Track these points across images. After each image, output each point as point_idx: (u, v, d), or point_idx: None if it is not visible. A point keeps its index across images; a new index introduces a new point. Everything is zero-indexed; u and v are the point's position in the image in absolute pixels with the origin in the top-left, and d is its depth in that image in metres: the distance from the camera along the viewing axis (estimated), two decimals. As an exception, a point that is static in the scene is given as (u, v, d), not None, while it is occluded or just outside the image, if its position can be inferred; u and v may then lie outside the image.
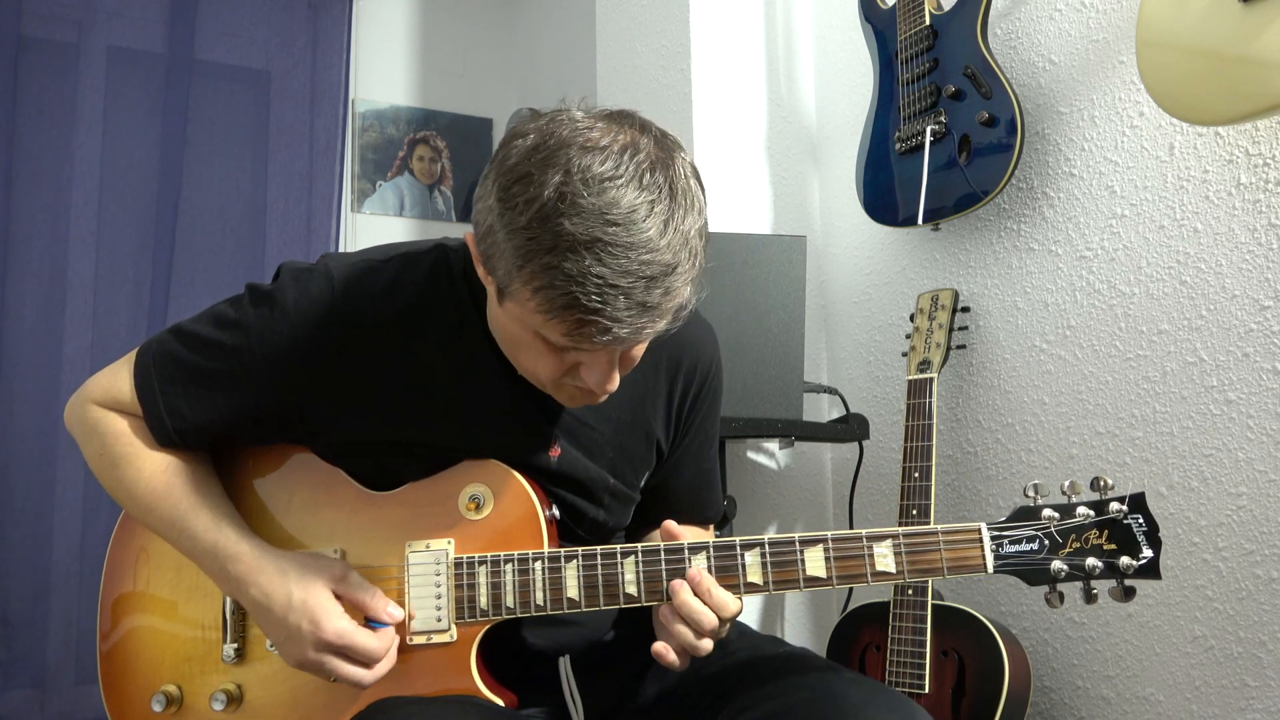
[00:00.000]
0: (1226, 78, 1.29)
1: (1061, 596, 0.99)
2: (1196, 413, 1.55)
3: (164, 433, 1.08)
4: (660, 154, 0.89)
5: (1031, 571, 0.98)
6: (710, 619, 0.97)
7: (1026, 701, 1.58)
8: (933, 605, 1.64)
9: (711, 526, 1.32)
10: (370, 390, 1.05)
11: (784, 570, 0.99)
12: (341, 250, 2.87)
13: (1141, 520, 0.98)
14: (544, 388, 1.00)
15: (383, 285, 1.05)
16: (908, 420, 1.75)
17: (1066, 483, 1.00)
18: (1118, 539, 0.98)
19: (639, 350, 0.98)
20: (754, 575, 0.99)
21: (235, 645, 1.08)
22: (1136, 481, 1.62)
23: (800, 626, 2.19)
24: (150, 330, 2.57)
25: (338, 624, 0.98)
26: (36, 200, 2.57)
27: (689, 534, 1.05)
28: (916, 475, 1.70)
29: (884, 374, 2.11)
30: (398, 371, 1.05)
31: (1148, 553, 0.98)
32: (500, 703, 1.03)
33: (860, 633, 1.74)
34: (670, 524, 1.03)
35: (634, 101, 2.33)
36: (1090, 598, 0.99)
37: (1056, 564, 0.98)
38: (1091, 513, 0.99)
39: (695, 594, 0.98)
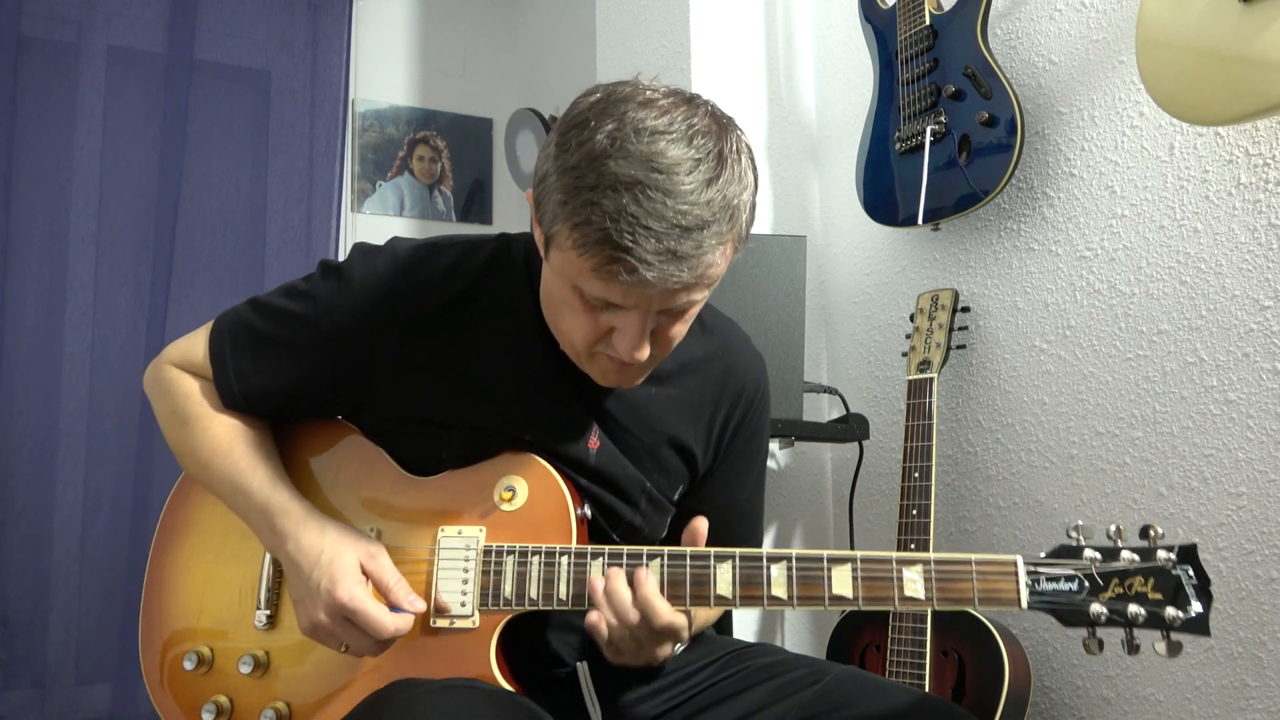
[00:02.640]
0: (1226, 78, 1.29)
1: (1101, 644, 0.94)
2: (1196, 413, 1.55)
3: (230, 395, 1.13)
4: (715, 126, 0.93)
5: (1069, 612, 0.94)
6: (631, 614, 0.96)
7: (1026, 701, 1.58)
8: (933, 605, 1.64)
9: None
10: (423, 365, 1.08)
11: (809, 585, 0.97)
12: (341, 251, 2.87)
13: (1191, 572, 0.92)
14: (580, 361, 1.02)
15: (444, 266, 1.09)
16: (908, 420, 1.75)
17: (1113, 527, 0.95)
18: (1164, 588, 0.92)
19: (677, 330, 0.99)
20: (779, 589, 0.97)
21: (268, 613, 1.11)
22: (1136, 481, 1.62)
23: (800, 626, 2.19)
24: (150, 330, 2.58)
25: (354, 589, 1.00)
26: (36, 200, 2.57)
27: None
28: (916, 475, 1.70)
29: (884, 374, 2.11)
30: (450, 349, 1.08)
31: (1197, 607, 0.91)
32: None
33: (860, 633, 1.74)
34: (698, 525, 1.03)
35: (634, 101, 2.34)
36: (1132, 649, 0.92)
37: (1096, 607, 0.93)
38: (1137, 558, 0.93)
39: (629, 584, 0.98)
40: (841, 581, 0.96)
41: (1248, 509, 1.48)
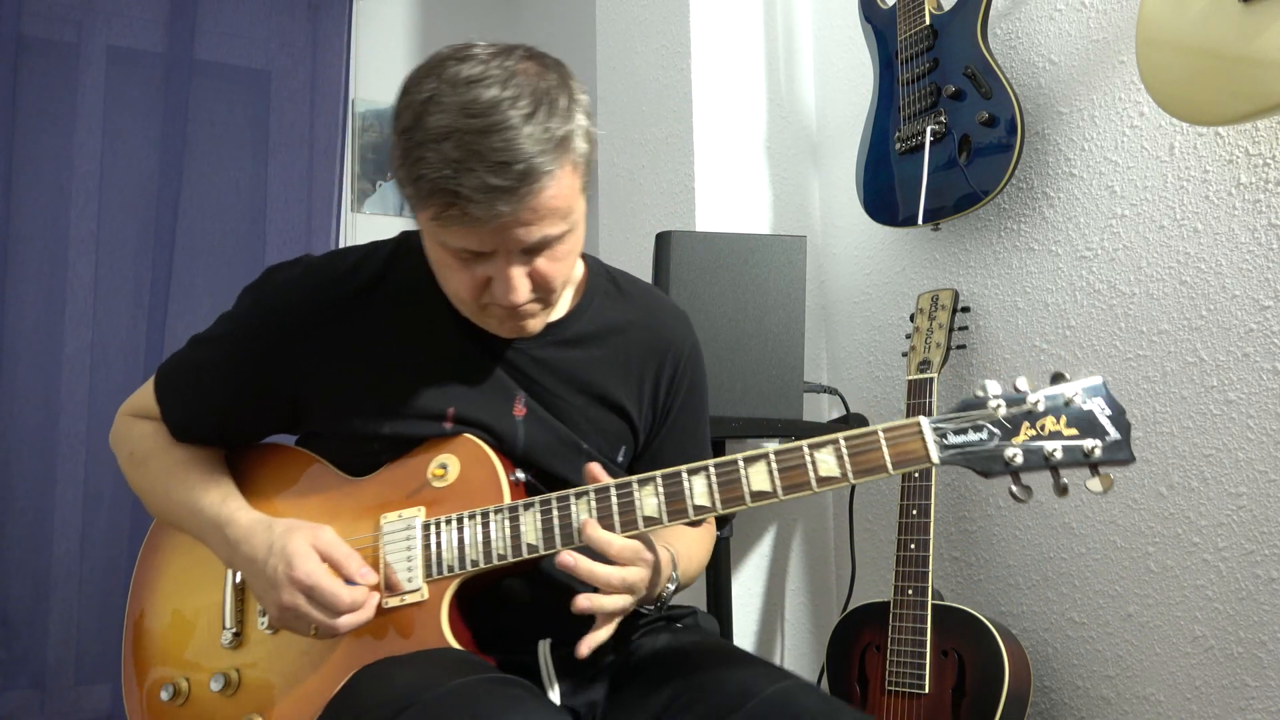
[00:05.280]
0: (1226, 78, 1.29)
1: (1028, 490, 0.94)
2: (1196, 413, 1.55)
3: (178, 426, 1.18)
4: (536, 67, 0.98)
5: (983, 460, 0.93)
6: (618, 576, 0.99)
7: (1026, 701, 1.58)
8: (933, 605, 1.64)
9: (708, 524, 1.30)
10: (342, 357, 1.12)
11: (730, 489, 0.99)
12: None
13: (1104, 403, 0.92)
14: (476, 318, 1.07)
15: (350, 263, 1.15)
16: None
17: (1019, 380, 0.96)
18: (1078, 424, 0.92)
19: (552, 268, 1.02)
20: (702, 499, 1.00)
21: (234, 630, 1.13)
22: (1136, 481, 1.62)
23: (800, 626, 2.19)
24: (150, 330, 2.58)
25: (308, 565, 1.02)
26: (36, 201, 2.57)
27: (675, 530, 1.08)
28: (917, 476, 1.70)
29: (884, 374, 2.11)
30: (366, 338, 1.12)
31: (1114, 434, 0.91)
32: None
33: (860, 633, 1.74)
34: (592, 466, 1.05)
35: (634, 101, 2.34)
36: (1061, 490, 0.93)
37: (1010, 451, 0.93)
38: (1042, 399, 0.93)
39: (598, 558, 0.99)
40: (759, 478, 0.98)
41: (1248, 509, 1.48)
